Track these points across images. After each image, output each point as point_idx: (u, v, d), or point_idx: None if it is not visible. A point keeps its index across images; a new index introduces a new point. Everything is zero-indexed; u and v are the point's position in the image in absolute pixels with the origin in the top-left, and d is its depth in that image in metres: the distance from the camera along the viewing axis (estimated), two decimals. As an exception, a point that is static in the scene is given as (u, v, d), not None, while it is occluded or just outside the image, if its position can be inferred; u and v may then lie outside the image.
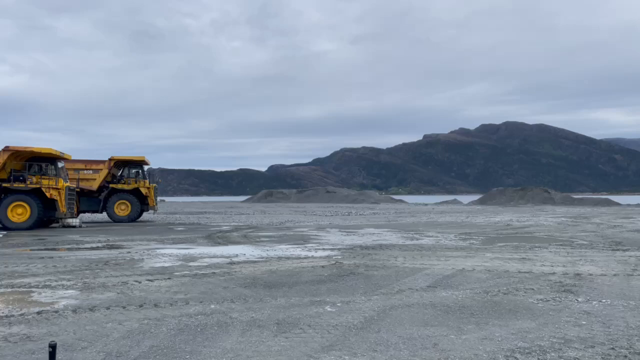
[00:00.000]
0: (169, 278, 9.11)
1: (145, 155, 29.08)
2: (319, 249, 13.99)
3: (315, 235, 18.66)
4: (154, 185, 28.53)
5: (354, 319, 6.16)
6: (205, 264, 11.03)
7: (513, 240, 16.34)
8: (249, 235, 18.49)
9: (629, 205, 58.06)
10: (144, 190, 27.74)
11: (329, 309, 6.66)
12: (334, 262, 11.14)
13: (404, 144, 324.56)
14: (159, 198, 32.03)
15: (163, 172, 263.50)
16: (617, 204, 58.29)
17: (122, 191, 27.47)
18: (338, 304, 6.95)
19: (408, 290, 7.95)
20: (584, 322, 5.99)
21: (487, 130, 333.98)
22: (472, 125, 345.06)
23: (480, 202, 68.40)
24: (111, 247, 14.56)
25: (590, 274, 9.37)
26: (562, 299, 7.29)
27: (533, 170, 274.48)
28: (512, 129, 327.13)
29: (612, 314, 6.40)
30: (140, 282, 8.65)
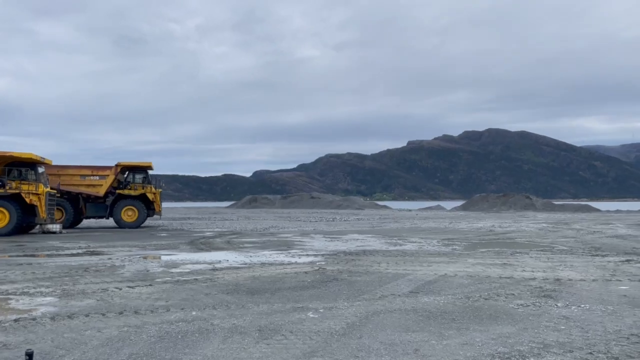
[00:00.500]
0: (150, 285, 9.01)
1: (130, 160, 28.80)
2: (303, 255, 13.97)
3: (299, 241, 18.64)
4: (160, 190, 28.54)
5: (336, 325, 6.16)
6: (188, 270, 10.93)
7: (495, 246, 16.50)
8: (232, 241, 18.39)
9: (608, 211, 59.07)
10: (150, 196, 27.76)
11: (311, 315, 6.65)
12: (317, 268, 11.13)
13: (389, 150, 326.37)
14: None
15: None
16: (597, 210, 59.27)
17: (129, 197, 27.46)
18: (321, 310, 6.94)
19: (390, 295, 7.98)
20: (563, 327, 6.07)
21: (470, 137, 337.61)
22: (455, 132, 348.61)
23: (463, 208, 69.02)
24: (92, 254, 14.36)
25: (570, 280, 9.51)
26: (542, 304, 7.38)
27: (515, 177, 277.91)
28: (495, 135, 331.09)
29: (591, 318, 6.50)
30: (120, 289, 8.54)
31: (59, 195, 25.42)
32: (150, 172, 28.69)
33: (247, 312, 6.81)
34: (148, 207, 27.68)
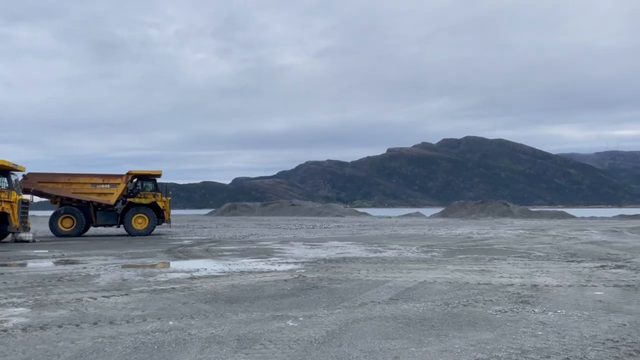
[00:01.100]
0: (126, 294, 8.84)
1: (110, 167, 28.97)
2: (283, 262, 13.89)
3: (279, 248, 18.54)
4: (169, 199, 28.70)
5: (315, 333, 6.11)
6: (165, 279, 10.76)
7: (473, 252, 16.65)
8: (211, 249, 18.20)
9: (583, 217, 60.26)
10: (161, 204, 27.89)
11: (290, 324, 6.59)
12: (297, 275, 11.07)
13: (369, 158, 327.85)
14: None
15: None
16: (572, 217, 60.40)
17: (140, 205, 27.52)
18: (300, 318, 6.89)
19: (370, 303, 7.97)
20: (540, 333, 6.13)
21: (448, 144, 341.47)
22: (434, 140, 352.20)
23: (442, 214, 69.63)
24: (66, 263, 14.05)
25: (547, 285, 9.63)
26: (520, 309, 7.45)
27: (492, 184, 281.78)
28: (473, 143, 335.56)
29: (567, 324, 6.58)
30: (95, 299, 8.36)
31: (73, 204, 26.22)
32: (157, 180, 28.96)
33: (226, 322, 6.72)
34: (158, 215, 27.79)
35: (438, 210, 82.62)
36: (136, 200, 27.56)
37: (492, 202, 71.52)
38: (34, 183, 26.14)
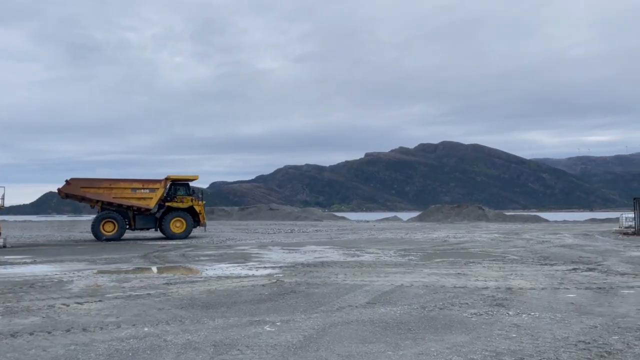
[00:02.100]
0: (100, 300, 8.68)
1: (85, 171, 28.57)
2: (260, 267, 13.82)
3: (257, 253, 18.44)
4: (204, 202, 29.56)
5: (293, 338, 6.09)
6: (140, 284, 10.60)
7: (449, 256, 16.84)
8: (187, 254, 18.00)
9: (555, 221, 61.50)
10: (197, 208, 28.66)
11: (268, 329, 6.56)
12: (274, 280, 11.03)
13: (347, 162, 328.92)
14: (93, 216, 31.20)
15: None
16: (545, 221, 61.59)
17: (178, 209, 28.17)
18: (277, 323, 6.86)
19: (348, 307, 7.98)
20: (514, 335, 6.23)
21: (425, 149, 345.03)
22: (411, 145, 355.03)
23: (419, 218, 70.23)
24: (38, 268, 13.70)
25: (521, 288, 9.79)
26: (494, 312, 7.56)
27: (468, 188, 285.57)
28: (449, 148, 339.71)
29: (540, 326, 6.70)
30: (68, 305, 8.19)
31: (113, 208, 26.85)
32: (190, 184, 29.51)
33: (202, 327, 6.65)
34: (193, 218, 28.47)
35: (415, 214, 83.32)
36: (174, 204, 28.18)
37: (468, 206, 72.44)
38: (77, 188, 26.82)
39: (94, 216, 27.80)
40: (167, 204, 28.13)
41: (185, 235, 27.75)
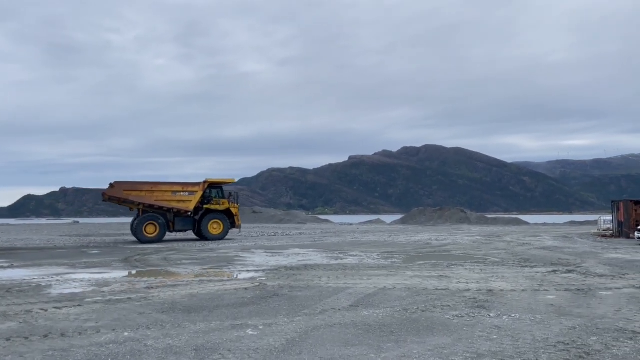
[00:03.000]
0: (79, 305, 8.54)
1: (64, 174, 28.41)
2: (243, 270, 13.75)
3: (240, 256, 18.34)
4: (238, 205, 30.43)
5: (275, 341, 6.07)
6: (121, 288, 10.46)
7: (432, 258, 16.95)
8: (169, 258, 17.82)
9: (536, 224, 62.38)
10: (234, 210, 29.50)
11: (250, 332, 6.52)
12: (257, 283, 10.98)
13: (330, 165, 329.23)
14: (72, 220, 31.29)
15: (78, 192, 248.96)
16: (526, 223, 62.40)
17: (216, 211, 28.98)
18: (260, 327, 6.82)
19: (331, 310, 7.98)
20: (495, 337, 6.28)
21: (408, 152, 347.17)
22: (394, 148, 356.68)
23: (402, 221, 70.62)
24: (15, 273, 13.43)
25: (502, 290, 9.89)
26: (476, 314, 7.62)
27: (450, 191, 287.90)
28: (431, 151, 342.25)
29: (521, 328, 6.77)
30: (46, 310, 8.04)
31: (154, 210, 27.51)
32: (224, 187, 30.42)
33: (184, 332, 6.58)
34: (229, 220, 29.36)
35: (398, 217, 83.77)
36: (212, 206, 28.96)
37: (450, 209, 73.07)
38: (120, 191, 27.44)
39: (134, 218, 28.66)
40: (205, 206, 28.89)
41: (222, 237, 28.72)
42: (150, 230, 27.04)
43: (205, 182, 29.07)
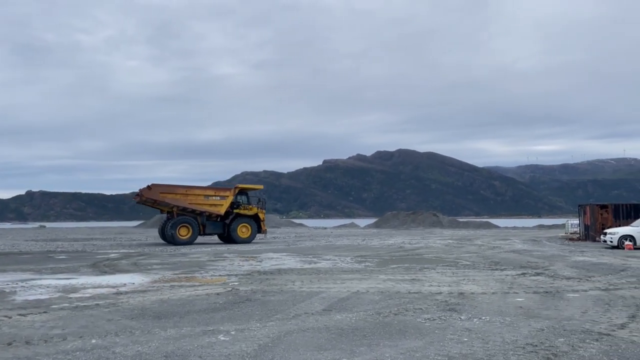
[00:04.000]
0: (44, 312, 8.29)
1: (32, 176, 27.89)
2: (215, 276, 13.59)
3: (212, 261, 18.13)
4: (264, 210, 31.82)
5: (247, 347, 6.01)
6: (89, 295, 10.21)
7: (405, 262, 17.08)
8: (139, 263, 17.49)
9: (506, 227, 63.59)
10: (261, 216, 30.80)
11: (222, 338, 6.44)
12: (230, 288, 10.86)
13: (305, 169, 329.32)
14: (39, 224, 30.83)
15: (45, 195, 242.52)
16: (497, 227, 63.58)
17: (245, 216, 30.19)
18: (232, 332, 6.75)
19: (304, 314, 7.95)
20: (466, 339, 6.36)
21: (382, 156, 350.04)
22: (368, 152, 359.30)
23: (375, 225, 71.05)
24: (-23, 279, 12.98)
25: (472, 293, 10.03)
26: (447, 317, 7.70)
27: (423, 195, 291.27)
28: (405, 156, 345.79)
29: (491, 330, 6.87)
30: (10, 317, 7.78)
31: (187, 213, 28.69)
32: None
33: (153, 338, 6.46)
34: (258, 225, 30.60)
35: (372, 220, 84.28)
36: (241, 211, 30.22)
37: (423, 212, 73.87)
38: (157, 193, 28.49)
39: (164, 220, 29.72)
40: (235, 210, 30.13)
41: (250, 240, 29.86)
42: (184, 233, 28.21)
43: (236, 187, 30.82)
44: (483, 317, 7.66)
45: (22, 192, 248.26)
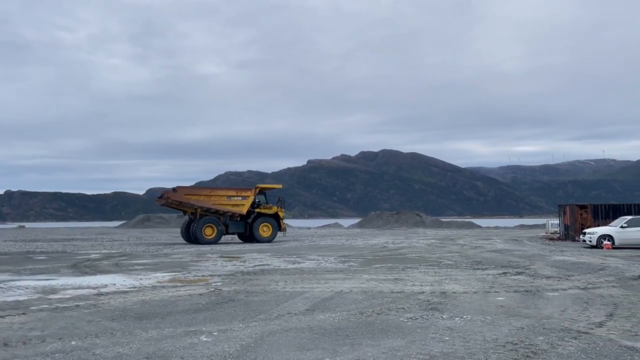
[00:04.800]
0: (23, 313, 8.15)
1: (10, 176, 27.48)
2: (198, 276, 13.50)
3: (195, 262, 18.01)
4: (284, 209, 32.41)
5: (230, 347, 5.98)
6: (69, 296, 10.07)
7: (388, 261, 17.17)
8: (121, 264, 17.30)
9: (488, 227, 64.29)
10: (281, 214, 31.60)
11: (204, 339, 6.40)
12: (213, 289, 10.80)
13: (289, 169, 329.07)
14: (18, 224, 30.49)
15: (24, 195, 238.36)
16: (479, 227, 64.24)
17: (265, 215, 30.98)
18: (214, 333, 6.71)
19: (287, 314, 7.94)
20: (447, 338, 6.42)
21: (366, 157, 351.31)
22: (352, 152, 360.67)
23: (359, 225, 71.25)
24: (-47, 281, 12.70)
25: (454, 292, 10.13)
26: (429, 316, 7.77)
27: (407, 195, 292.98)
28: (389, 156, 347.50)
29: (472, 329, 6.95)
30: (-14, 320, 7.62)
31: (210, 214, 29.46)
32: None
33: (134, 339, 6.39)
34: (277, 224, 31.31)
35: (356, 220, 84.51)
36: (262, 210, 30.99)
37: (406, 212, 74.32)
38: (182, 195, 29.44)
39: (187, 221, 30.40)
40: (256, 210, 30.87)
41: (271, 239, 30.57)
42: (209, 232, 29.03)
43: (256, 187, 31.59)
44: (464, 316, 7.74)
45: (1, 191, 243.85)
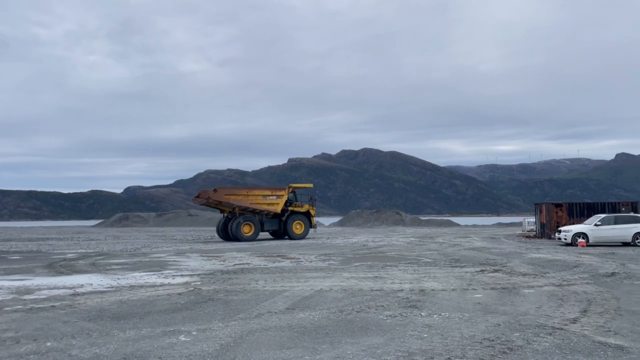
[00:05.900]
0: (-4, 315, 7.98)
1: None
2: (177, 275, 13.39)
3: (174, 261, 17.84)
4: (314, 207, 33.82)
5: (209, 347, 5.95)
6: (44, 296, 9.89)
7: (368, 259, 17.25)
8: (98, 263, 17.04)
9: (466, 225, 65.09)
10: (312, 212, 32.90)
11: (183, 339, 6.36)
12: (192, 288, 10.72)
13: (270, 167, 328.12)
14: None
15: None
16: (457, 225, 64.96)
17: (299, 213, 32.25)
18: (193, 333, 6.67)
19: (267, 313, 7.93)
20: (426, 335, 6.49)
21: (346, 155, 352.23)
22: (333, 151, 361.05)
23: (340, 223, 71.40)
24: None
25: (433, 290, 10.24)
26: (408, 314, 7.84)
27: (387, 194, 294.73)
28: (369, 155, 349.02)
29: (450, 326, 7.03)
30: (-42, 322, 7.44)
31: (248, 212, 30.75)
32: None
33: (112, 340, 6.32)
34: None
35: (337, 219, 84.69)
36: (295, 208, 32.29)
37: (386, 211, 74.70)
38: (222, 195, 30.67)
39: (224, 219, 31.49)
40: (290, 208, 32.15)
41: (303, 236, 31.93)
42: (247, 230, 30.26)
43: (289, 187, 33.03)
44: (443, 314, 7.83)
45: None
